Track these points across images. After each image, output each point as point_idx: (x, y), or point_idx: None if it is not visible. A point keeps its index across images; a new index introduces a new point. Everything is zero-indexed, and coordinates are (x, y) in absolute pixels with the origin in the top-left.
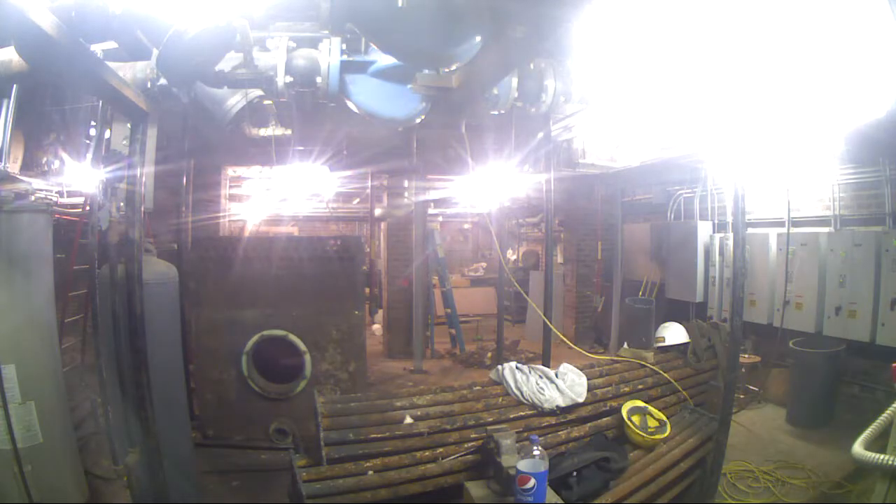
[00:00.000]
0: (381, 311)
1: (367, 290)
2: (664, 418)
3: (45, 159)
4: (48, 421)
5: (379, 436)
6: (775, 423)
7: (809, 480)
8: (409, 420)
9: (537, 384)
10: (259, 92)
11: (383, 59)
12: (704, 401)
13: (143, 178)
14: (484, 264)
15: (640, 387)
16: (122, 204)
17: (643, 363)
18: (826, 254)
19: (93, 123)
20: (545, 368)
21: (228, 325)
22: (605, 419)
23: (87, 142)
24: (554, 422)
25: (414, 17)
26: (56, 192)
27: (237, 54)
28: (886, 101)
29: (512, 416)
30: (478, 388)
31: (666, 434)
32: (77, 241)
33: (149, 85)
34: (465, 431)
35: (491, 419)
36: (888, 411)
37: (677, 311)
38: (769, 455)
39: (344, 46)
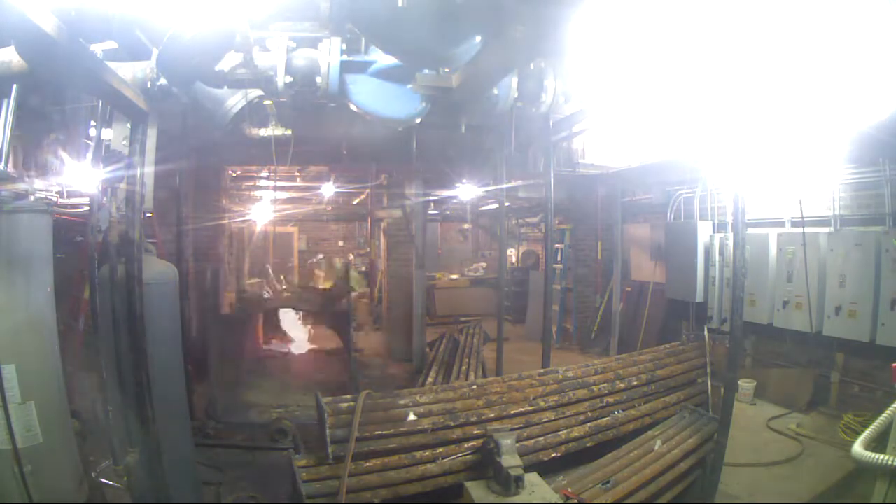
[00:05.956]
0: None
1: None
2: None
3: (45, 159)
4: (48, 421)
5: (383, 433)
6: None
7: None
8: (412, 417)
9: None
10: (259, 92)
11: (383, 59)
12: (704, 401)
13: (143, 178)
14: (484, 264)
15: (634, 383)
16: (122, 204)
17: (637, 361)
18: (826, 254)
19: (93, 123)
20: None
21: None
22: (604, 419)
23: (87, 142)
24: (553, 417)
25: (414, 17)
26: (56, 192)
27: (237, 54)
28: (888, 103)
29: (512, 412)
30: (477, 386)
31: None
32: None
33: (149, 85)
34: (467, 428)
35: (492, 415)
36: (888, 411)
37: (677, 312)
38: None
39: (344, 46)
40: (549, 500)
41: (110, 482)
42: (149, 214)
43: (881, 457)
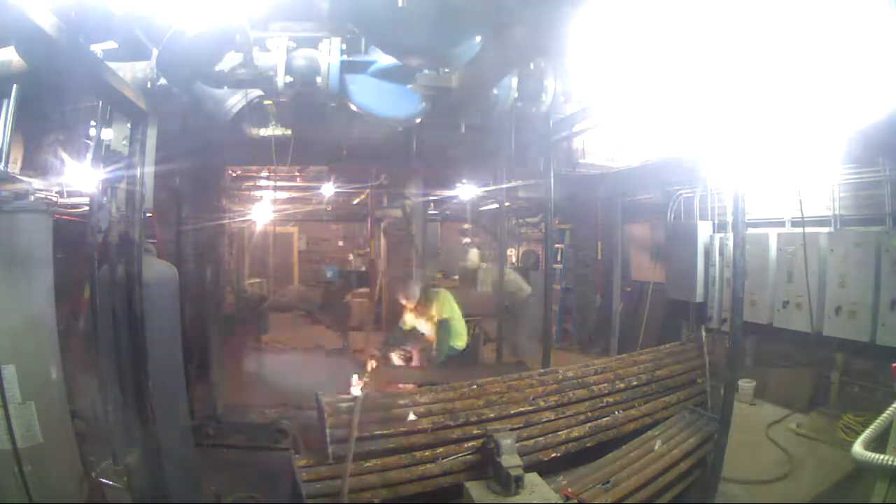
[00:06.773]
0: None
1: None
2: None
3: (45, 159)
4: (48, 421)
5: (383, 432)
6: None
7: None
8: (412, 417)
9: None
10: (259, 92)
11: (383, 59)
12: (704, 401)
13: (143, 178)
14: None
15: (634, 383)
16: (122, 204)
17: (637, 361)
18: (826, 254)
19: (93, 123)
20: None
21: None
22: (604, 419)
23: (87, 142)
24: (553, 417)
25: (414, 16)
26: (56, 192)
27: (237, 54)
28: (887, 102)
29: (512, 411)
30: (477, 386)
31: None
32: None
33: (149, 85)
34: (467, 428)
35: (492, 415)
36: (888, 411)
37: (677, 312)
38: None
39: (344, 46)
40: (549, 500)
41: (110, 482)
42: (149, 214)
43: (881, 457)
